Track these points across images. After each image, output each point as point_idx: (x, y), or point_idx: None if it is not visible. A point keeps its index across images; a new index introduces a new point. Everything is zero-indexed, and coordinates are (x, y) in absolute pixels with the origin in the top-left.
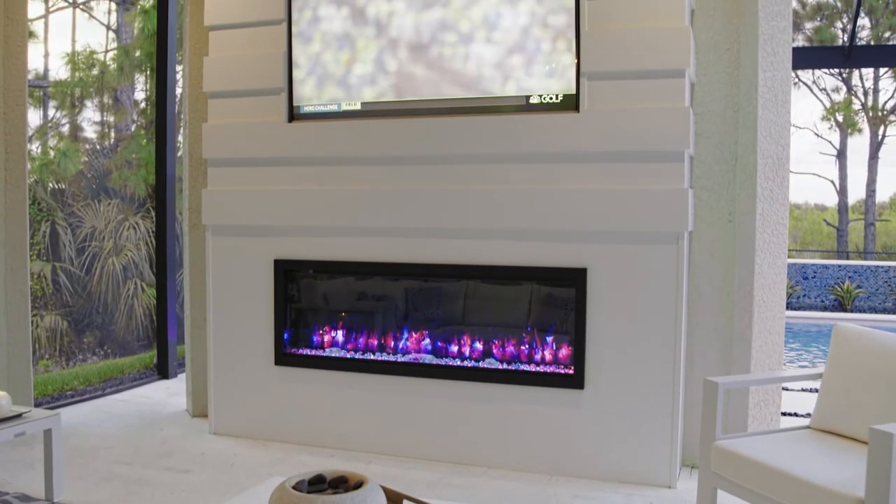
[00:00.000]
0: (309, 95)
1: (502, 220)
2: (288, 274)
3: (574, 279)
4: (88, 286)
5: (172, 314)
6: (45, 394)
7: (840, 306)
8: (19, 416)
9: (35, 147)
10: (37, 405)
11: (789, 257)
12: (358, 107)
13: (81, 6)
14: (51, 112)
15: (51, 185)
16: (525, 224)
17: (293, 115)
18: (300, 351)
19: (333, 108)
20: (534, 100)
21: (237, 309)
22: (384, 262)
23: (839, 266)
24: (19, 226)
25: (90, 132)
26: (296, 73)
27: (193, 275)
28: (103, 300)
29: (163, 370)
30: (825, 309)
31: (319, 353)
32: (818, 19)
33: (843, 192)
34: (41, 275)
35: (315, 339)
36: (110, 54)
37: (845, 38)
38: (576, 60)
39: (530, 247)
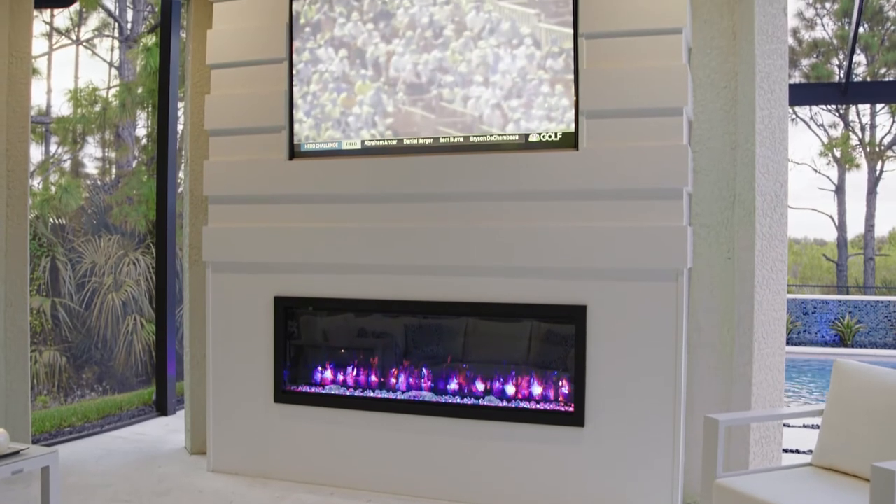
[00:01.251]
0: (309, 134)
1: (502, 257)
2: (288, 311)
3: (574, 316)
4: (88, 322)
5: (172, 350)
6: (43, 430)
7: (841, 341)
8: (17, 453)
9: (37, 182)
10: (34, 442)
11: (789, 292)
12: (358, 145)
13: (85, 44)
14: (53, 148)
15: (52, 220)
16: (525, 261)
17: (294, 152)
18: (300, 388)
19: (334, 146)
20: (533, 138)
21: (237, 346)
22: (384, 299)
23: (839, 301)
24: (20, 261)
25: (91, 168)
26: (296, 112)
27: (193, 311)
28: (102, 336)
29: (161, 407)
30: (826, 344)
31: (319, 390)
32: (814, 56)
33: (841, 227)
34: (40, 310)
35: (315, 376)
36: (112, 91)
37: (841, 75)
38: (574, 99)
39: (530, 284)
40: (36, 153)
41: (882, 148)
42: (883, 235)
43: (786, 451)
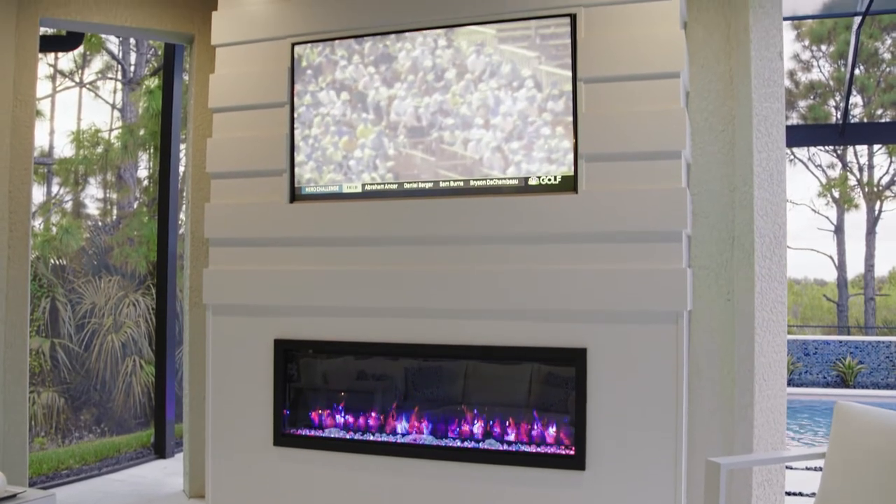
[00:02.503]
0: (310, 177)
1: (502, 300)
2: (288, 353)
3: (574, 359)
4: (87, 363)
5: (171, 392)
6: (40, 472)
7: (842, 382)
8: (14, 496)
9: (38, 223)
10: (31, 485)
11: (790, 333)
12: (359, 189)
13: (88, 86)
14: (54, 188)
15: (52, 260)
16: (525, 304)
17: (295, 195)
18: (299, 431)
19: (335, 189)
20: (532, 181)
21: (236, 388)
22: (384, 342)
23: (840, 342)
24: (20, 302)
25: (93, 209)
26: (297, 155)
27: (193, 353)
28: (101, 377)
29: (160, 449)
30: (827, 385)
31: (319, 433)
32: (811, 97)
33: (841, 267)
34: (39, 351)
35: (314, 419)
36: (115, 133)
37: (838, 116)
38: (574, 142)
39: (530, 327)
40: (38, 194)
41: (880, 188)
42: (883, 275)
43: (789, 493)
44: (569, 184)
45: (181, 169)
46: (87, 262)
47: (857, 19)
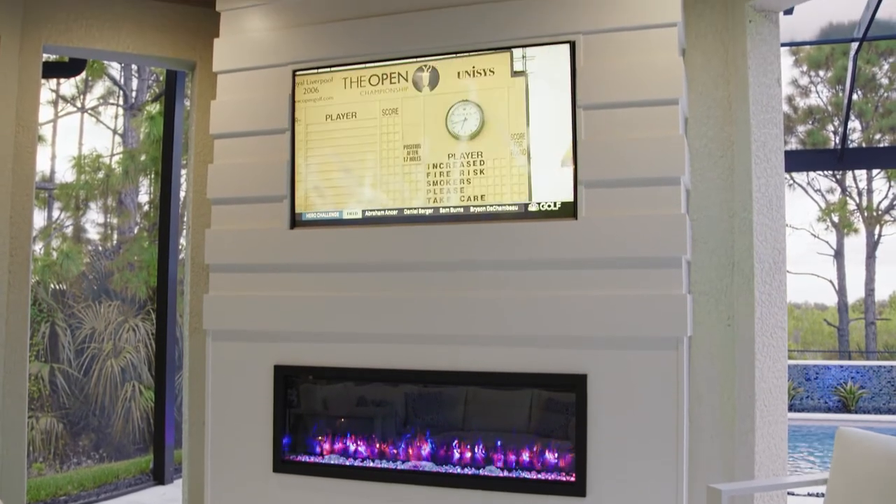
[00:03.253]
0: (310, 203)
1: (502, 326)
2: (287, 379)
3: (574, 385)
4: (86, 388)
5: (170, 418)
6: (38, 498)
7: (844, 407)
8: None
9: (38, 248)
10: None
11: (791, 358)
12: (359, 215)
13: (90, 111)
14: (55, 213)
15: (52, 285)
16: (525, 330)
17: (295, 221)
18: (299, 457)
19: (335, 215)
20: (532, 207)
21: (236, 414)
22: (384, 368)
23: (841, 367)
24: (20, 328)
25: (93, 233)
26: (298, 181)
27: (193, 378)
28: (100, 402)
29: (159, 475)
30: (829, 410)
31: (319, 459)
32: (810, 122)
33: (842, 291)
34: (38, 376)
35: (314, 445)
36: (116, 158)
37: (837, 141)
38: (573, 168)
39: (530, 353)
40: (38, 219)
41: (879, 212)
42: (883, 299)
43: None
44: (568, 210)
45: (182, 194)
46: (87, 287)
47: (855, 45)
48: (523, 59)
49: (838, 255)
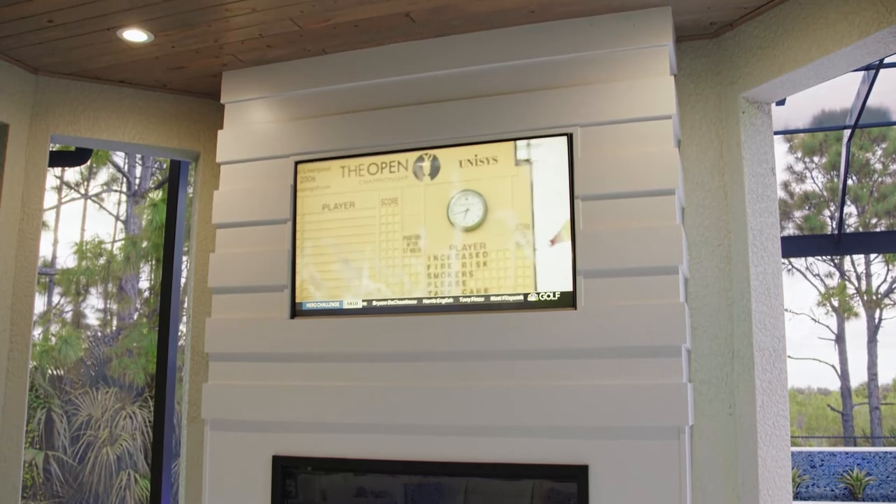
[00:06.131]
0: (311, 292)
1: (501, 416)
2: (286, 470)
3: (576, 476)
4: (80, 476)
5: None
6: None
7: (851, 495)
8: None
9: (37, 333)
10: None
11: (795, 444)
12: (359, 304)
13: (93, 198)
14: (55, 298)
15: (50, 371)
16: (526, 421)
17: (295, 311)
18: None
19: (335, 305)
20: (531, 297)
21: None
22: (383, 459)
23: (846, 453)
24: (17, 415)
25: (93, 319)
26: (298, 271)
27: (190, 467)
28: (94, 491)
29: None
30: (835, 498)
31: None
32: (806, 208)
33: (844, 376)
34: (32, 463)
35: None
36: (118, 244)
37: (834, 226)
38: (572, 258)
39: (530, 443)
40: (38, 304)
41: (879, 296)
42: (887, 383)
43: None
44: (568, 300)
45: (183, 281)
46: (85, 373)
47: (847, 132)
48: (528, 146)
49: (839, 339)
